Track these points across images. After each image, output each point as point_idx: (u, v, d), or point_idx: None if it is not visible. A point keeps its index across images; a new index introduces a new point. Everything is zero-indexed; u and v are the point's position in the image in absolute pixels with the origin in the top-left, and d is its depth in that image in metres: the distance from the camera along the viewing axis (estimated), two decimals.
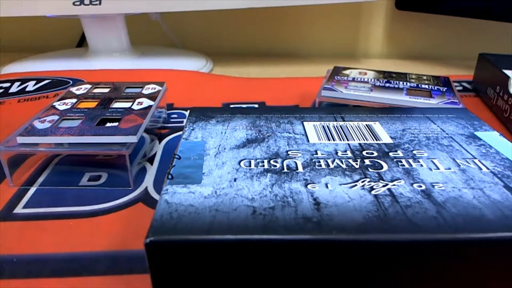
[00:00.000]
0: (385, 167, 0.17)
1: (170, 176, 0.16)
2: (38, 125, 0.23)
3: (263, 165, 0.17)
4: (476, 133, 0.21)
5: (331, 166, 0.17)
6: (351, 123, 0.22)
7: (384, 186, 0.16)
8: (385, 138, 0.20)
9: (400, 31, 0.58)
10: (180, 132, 0.30)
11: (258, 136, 0.20)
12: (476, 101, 0.37)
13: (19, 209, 0.21)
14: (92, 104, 0.26)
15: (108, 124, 0.23)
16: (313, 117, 0.23)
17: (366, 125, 0.22)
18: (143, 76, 0.41)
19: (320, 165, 0.17)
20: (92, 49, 0.47)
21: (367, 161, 0.18)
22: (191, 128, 0.21)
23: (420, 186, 0.16)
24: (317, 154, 0.18)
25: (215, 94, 0.38)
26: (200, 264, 0.13)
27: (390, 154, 0.18)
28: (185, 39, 0.58)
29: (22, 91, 0.37)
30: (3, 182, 0.23)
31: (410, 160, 0.18)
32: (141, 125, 0.23)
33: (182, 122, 0.32)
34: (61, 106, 0.26)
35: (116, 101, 0.27)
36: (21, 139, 0.22)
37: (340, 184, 0.16)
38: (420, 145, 0.19)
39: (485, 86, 0.36)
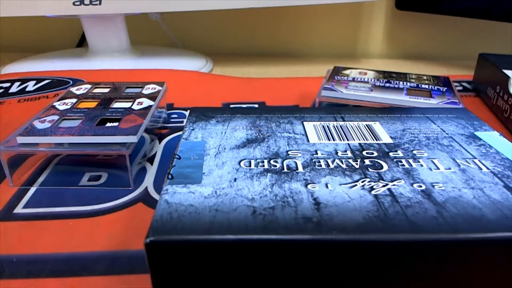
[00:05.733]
0: (385, 167, 0.17)
1: (170, 176, 0.16)
2: (38, 125, 0.23)
3: (263, 165, 0.17)
4: (476, 133, 0.21)
5: (331, 166, 0.17)
6: (351, 123, 0.22)
7: (384, 186, 0.16)
8: (385, 138, 0.20)
9: (400, 31, 0.58)
10: (180, 132, 0.30)
11: (258, 136, 0.20)
12: (476, 101, 0.37)
13: (19, 209, 0.21)
14: (92, 104, 0.26)
15: (108, 124, 0.23)
16: (313, 117, 0.23)
17: (366, 125, 0.22)
18: (143, 76, 0.41)
19: (320, 165, 0.17)
20: (92, 49, 0.47)
21: (367, 161, 0.18)
22: (191, 128, 0.21)
23: (420, 186, 0.16)
24: (317, 154, 0.18)
25: (215, 94, 0.38)
26: (200, 264, 0.13)
27: (390, 154, 0.18)
28: (185, 39, 0.58)
29: (22, 91, 0.37)
30: (3, 182, 0.23)
31: (410, 160, 0.18)
32: (141, 125, 0.23)
33: (182, 122, 0.32)
34: (61, 106, 0.26)
35: (116, 101, 0.27)
36: (21, 139, 0.22)
37: (340, 184, 0.16)
38: (420, 145, 0.19)
39: (485, 86, 0.36)
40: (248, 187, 0.16)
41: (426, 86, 0.31)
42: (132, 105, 0.26)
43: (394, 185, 0.16)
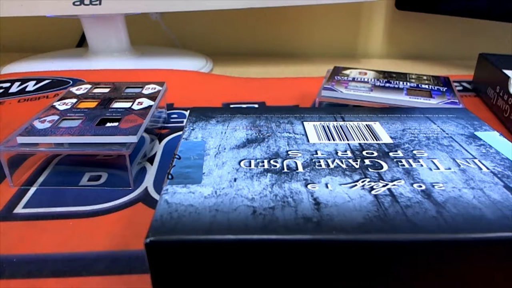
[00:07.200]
0: (385, 167, 0.17)
1: (170, 176, 0.16)
2: (38, 125, 0.23)
3: (263, 165, 0.17)
4: (476, 133, 0.21)
5: (331, 166, 0.17)
6: (351, 123, 0.22)
7: (384, 186, 0.16)
8: (385, 138, 0.20)
9: (400, 31, 0.58)
10: (180, 132, 0.30)
11: (258, 136, 0.20)
12: (476, 101, 0.37)
13: (19, 209, 0.21)
14: (92, 104, 0.26)
15: (108, 124, 0.23)
16: (313, 117, 0.23)
17: (366, 125, 0.22)
18: (143, 76, 0.41)
19: (320, 165, 0.17)
20: (92, 49, 0.47)
21: (367, 161, 0.18)
22: (191, 128, 0.21)
23: (420, 186, 0.16)
24: (317, 154, 0.18)
25: (215, 94, 0.38)
26: (200, 264, 0.13)
27: (390, 154, 0.18)
28: (185, 39, 0.58)
29: (22, 91, 0.37)
30: (3, 182, 0.23)
31: (410, 160, 0.18)
32: (141, 125, 0.23)
33: (182, 122, 0.32)
34: (61, 106, 0.26)
35: (116, 101, 0.27)
36: (21, 139, 0.22)
37: (340, 184, 0.16)
38: (420, 145, 0.19)
39: (485, 86, 0.36)
40: (248, 187, 0.16)
41: (426, 86, 0.31)
42: (132, 105, 0.26)
43: (394, 185, 0.16)
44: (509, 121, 0.30)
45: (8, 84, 0.39)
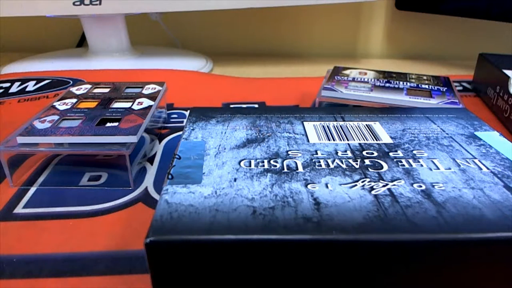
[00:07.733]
0: (385, 167, 0.17)
1: (170, 176, 0.16)
2: (38, 125, 0.23)
3: (263, 165, 0.17)
4: (476, 133, 0.21)
5: (331, 166, 0.17)
6: (351, 123, 0.22)
7: (384, 186, 0.16)
8: (385, 138, 0.20)
9: (400, 31, 0.58)
10: (180, 132, 0.30)
11: (258, 136, 0.20)
12: (476, 101, 0.37)
13: (19, 209, 0.21)
14: (92, 104, 0.26)
15: (108, 124, 0.23)
16: (313, 117, 0.23)
17: (366, 125, 0.22)
18: (143, 76, 0.41)
19: (320, 165, 0.17)
20: (92, 49, 0.47)
21: (367, 161, 0.18)
22: (191, 128, 0.21)
23: (420, 186, 0.16)
24: (317, 154, 0.18)
25: (215, 94, 0.38)
26: (200, 264, 0.13)
27: (390, 154, 0.18)
28: (185, 39, 0.58)
29: (22, 91, 0.37)
30: (3, 182, 0.23)
31: (410, 160, 0.18)
32: (141, 125, 0.23)
33: (182, 122, 0.32)
34: (61, 106, 0.26)
35: (116, 101, 0.27)
36: (21, 139, 0.22)
37: (340, 184, 0.16)
38: (420, 145, 0.19)
39: (485, 86, 0.36)
40: (248, 187, 0.16)
41: (426, 86, 0.31)
42: (132, 105, 0.26)
43: (394, 185, 0.16)
44: (509, 121, 0.30)
45: (8, 84, 0.39)
